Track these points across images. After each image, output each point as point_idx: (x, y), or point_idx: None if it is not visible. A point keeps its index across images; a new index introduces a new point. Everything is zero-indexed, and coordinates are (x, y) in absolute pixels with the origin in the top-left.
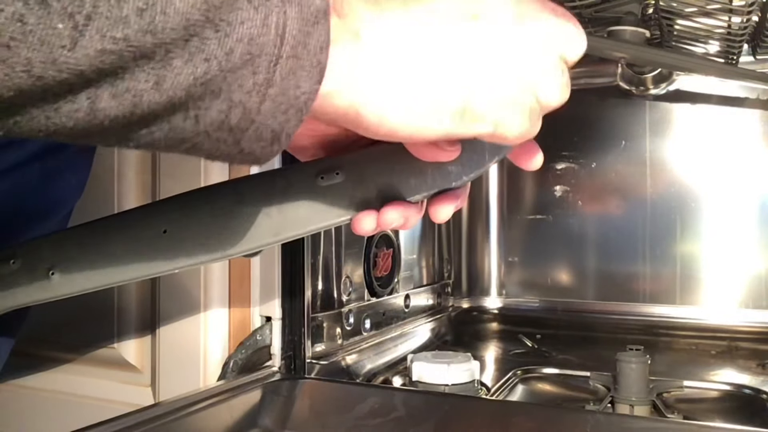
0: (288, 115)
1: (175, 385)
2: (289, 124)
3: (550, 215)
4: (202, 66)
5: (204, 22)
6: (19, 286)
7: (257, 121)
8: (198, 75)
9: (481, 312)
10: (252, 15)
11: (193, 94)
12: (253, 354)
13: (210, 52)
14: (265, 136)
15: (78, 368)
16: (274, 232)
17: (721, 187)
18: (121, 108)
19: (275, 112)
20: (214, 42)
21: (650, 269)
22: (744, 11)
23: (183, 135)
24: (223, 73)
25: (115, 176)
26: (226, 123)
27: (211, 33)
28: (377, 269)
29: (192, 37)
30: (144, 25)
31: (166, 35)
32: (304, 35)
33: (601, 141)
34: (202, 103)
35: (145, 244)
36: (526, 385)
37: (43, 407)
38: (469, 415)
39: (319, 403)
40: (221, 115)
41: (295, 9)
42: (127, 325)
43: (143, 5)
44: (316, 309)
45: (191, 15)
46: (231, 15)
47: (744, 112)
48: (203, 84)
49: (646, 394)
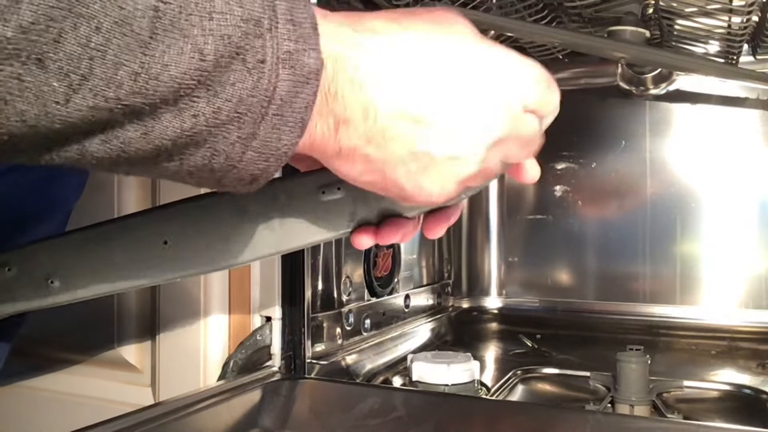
0: (269, 162)
1: (175, 385)
2: (269, 169)
3: (550, 215)
4: (189, 121)
5: (196, 84)
6: (17, 292)
7: (239, 167)
8: (185, 128)
9: (481, 312)
10: (244, 77)
11: (178, 144)
12: (253, 354)
13: (198, 109)
14: (246, 178)
15: (78, 368)
16: (275, 244)
17: (721, 187)
18: (109, 152)
19: (257, 160)
20: (204, 101)
21: (650, 269)
22: (744, 11)
23: (166, 173)
24: (209, 128)
25: (114, 176)
26: (208, 166)
27: (202, 92)
28: (377, 269)
29: (182, 97)
30: (137, 88)
31: (157, 97)
32: (292, 96)
33: (601, 141)
34: (186, 151)
35: (146, 253)
36: (526, 385)
37: (43, 407)
38: (469, 415)
39: (319, 403)
40: (204, 160)
41: (288, 71)
42: (128, 325)
43: (138, 69)
44: (316, 309)
45: (184, 80)
46: (223, 76)
47: (744, 112)
48: (189, 136)
49: (646, 394)
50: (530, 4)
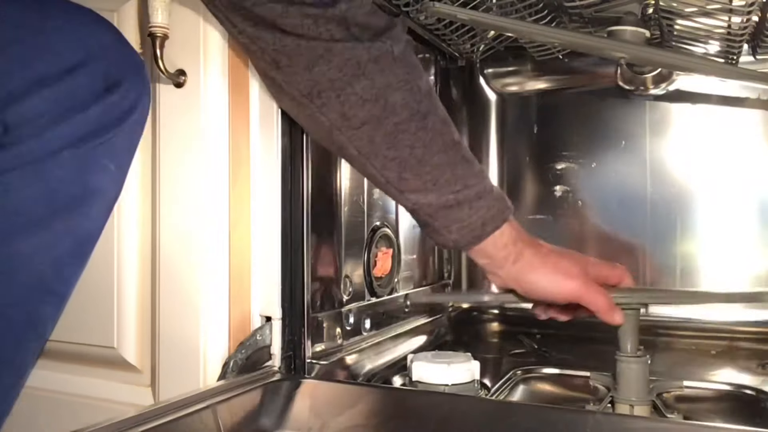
0: (464, 238)
1: (175, 385)
2: (461, 242)
3: (550, 215)
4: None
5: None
6: None
7: (445, 231)
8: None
9: (481, 312)
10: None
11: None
12: (253, 354)
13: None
14: (449, 240)
15: (78, 368)
16: None
17: (721, 187)
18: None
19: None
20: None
21: (650, 269)
22: (744, 11)
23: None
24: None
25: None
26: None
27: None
28: (377, 269)
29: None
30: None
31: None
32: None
33: (601, 141)
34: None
35: None
36: (526, 385)
37: (43, 407)
38: (469, 415)
39: (319, 403)
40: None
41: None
42: (128, 325)
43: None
44: (316, 309)
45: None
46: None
47: (744, 112)
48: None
49: (646, 394)
50: (530, 4)
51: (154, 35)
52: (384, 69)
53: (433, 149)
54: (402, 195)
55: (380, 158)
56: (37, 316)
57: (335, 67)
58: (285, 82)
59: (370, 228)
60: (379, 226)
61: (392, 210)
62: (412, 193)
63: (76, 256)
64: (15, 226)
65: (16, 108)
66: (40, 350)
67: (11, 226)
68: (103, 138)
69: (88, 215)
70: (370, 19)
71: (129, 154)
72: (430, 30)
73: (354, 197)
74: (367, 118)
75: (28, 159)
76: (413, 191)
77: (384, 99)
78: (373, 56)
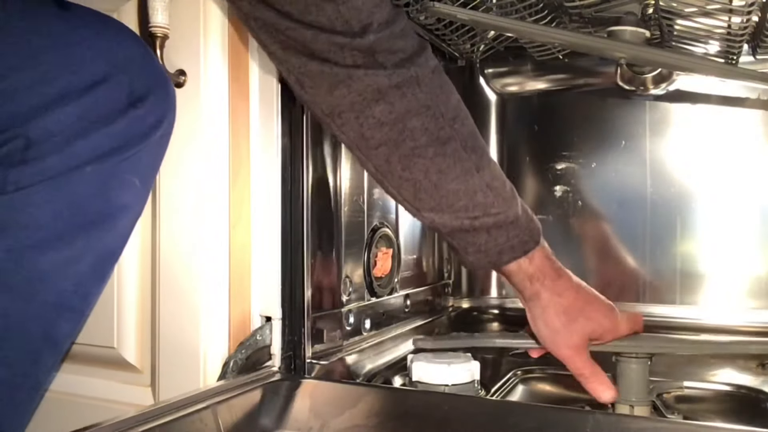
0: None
1: (175, 385)
2: (486, 264)
3: (550, 215)
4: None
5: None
6: None
7: (475, 255)
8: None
9: (481, 312)
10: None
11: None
12: (253, 354)
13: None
14: (482, 262)
15: (78, 368)
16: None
17: (721, 188)
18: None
19: (483, 259)
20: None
21: (650, 269)
22: (744, 11)
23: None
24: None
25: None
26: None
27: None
28: (377, 269)
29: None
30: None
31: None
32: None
33: (601, 141)
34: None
35: None
36: (526, 385)
37: (43, 407)
38: (469, 415)
39: (319, 403)
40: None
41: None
42: (127, 325)
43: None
44: (316, 309)
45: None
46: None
47: (744, 112)
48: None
49: (646, 394)
50: (530, 4)
51: (154, 35)
52: (406, 94)
53: (450, 176)
54: (419, 213)
55: (396, 178)
56: (54, 333)
57: (355, 91)
58: (308, 102)
59: (370, 228)
60: (379, 226)
61: (392, 210)
62: (429, 212)
63: (97, 273)
64: (36, 242)
65: (38, 122)
66: (57, 366)
67: (33, 242)
68: (128, 153)
69: (111, 231)
70: (398, 42)
71: (154, 169)
72: (430, 30)
73: (354, 197)
74: (384, 140)
75: (50, 174)
76: (429, 210)
77: (402, 123)
78: (394, 82)
